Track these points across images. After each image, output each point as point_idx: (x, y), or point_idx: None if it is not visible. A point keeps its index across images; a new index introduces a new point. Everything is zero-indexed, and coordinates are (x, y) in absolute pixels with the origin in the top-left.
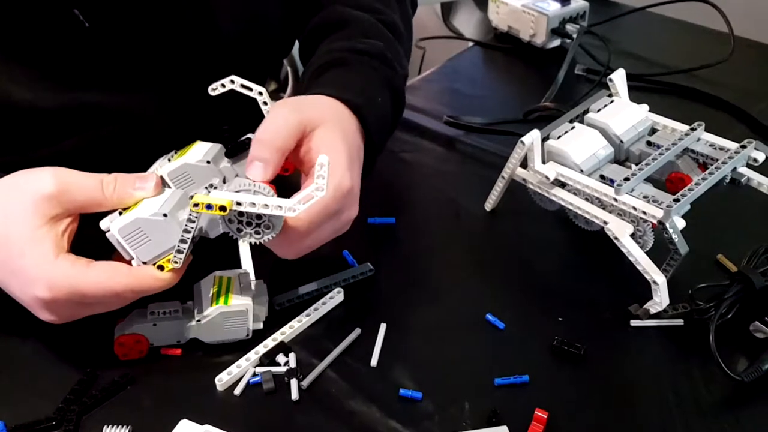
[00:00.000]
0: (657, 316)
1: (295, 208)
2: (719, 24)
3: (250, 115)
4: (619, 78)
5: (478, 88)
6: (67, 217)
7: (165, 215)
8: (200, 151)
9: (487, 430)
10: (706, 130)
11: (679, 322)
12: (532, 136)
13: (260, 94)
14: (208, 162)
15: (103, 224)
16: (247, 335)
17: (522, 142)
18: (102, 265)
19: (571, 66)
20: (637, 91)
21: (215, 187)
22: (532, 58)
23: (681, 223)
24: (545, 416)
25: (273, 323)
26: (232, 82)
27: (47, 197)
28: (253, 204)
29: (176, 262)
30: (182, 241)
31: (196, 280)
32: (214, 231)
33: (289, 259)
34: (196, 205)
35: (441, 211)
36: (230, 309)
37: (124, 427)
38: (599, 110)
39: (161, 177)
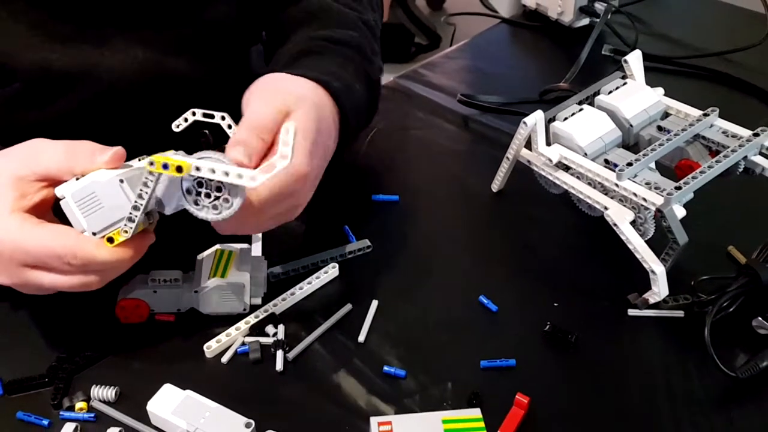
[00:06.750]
0: (657, 306)
1: (256, 177)
2: (757, 4)
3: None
4: (635, 59)
5: (500, 66)
6: (37, 181)
7: (122, 180)
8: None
9: (460, 411)
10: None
11: (680, 313)
12: (535, 117)
13: (223, 118)
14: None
15: (58, 191)
16: (244, 309)
17: (524, 122)
18: (51, 226)
19: (598, 46)
20: (664, 75)
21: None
22: (559, 37)
23: (681, 212)
24: (526, 401)
25: (266, 295)
26: (194, 114)
27: (16, 158)
28: (213, 171)
29: (126, 232)
30: (135, 207)
31: (201, 252)
32: (171, 205)
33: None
34: (152, 163)
35: (447, 190)
36: (227, 282)
37: (112, 387)
38: (610, 92)
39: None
